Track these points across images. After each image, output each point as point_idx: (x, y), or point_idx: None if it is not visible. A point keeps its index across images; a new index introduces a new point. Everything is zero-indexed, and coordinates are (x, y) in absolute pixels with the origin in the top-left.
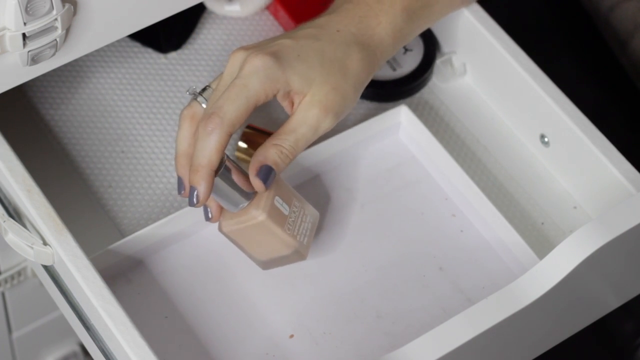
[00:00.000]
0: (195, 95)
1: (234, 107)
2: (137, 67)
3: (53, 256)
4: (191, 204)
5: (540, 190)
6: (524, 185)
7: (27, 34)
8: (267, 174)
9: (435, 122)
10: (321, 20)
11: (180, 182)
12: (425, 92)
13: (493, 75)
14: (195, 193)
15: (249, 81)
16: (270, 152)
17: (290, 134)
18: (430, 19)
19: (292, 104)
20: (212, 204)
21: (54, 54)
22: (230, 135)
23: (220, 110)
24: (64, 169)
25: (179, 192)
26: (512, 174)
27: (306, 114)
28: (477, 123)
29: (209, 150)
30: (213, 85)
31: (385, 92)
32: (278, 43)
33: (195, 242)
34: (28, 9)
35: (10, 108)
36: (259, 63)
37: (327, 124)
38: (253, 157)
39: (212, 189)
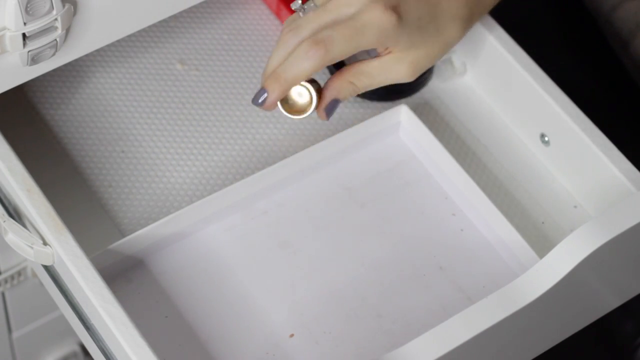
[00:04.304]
0: (301, 9)
1: (343, 48)
2: (137, 67)
3: (53, 256)
4: (255, 102)
5: (541, 189)
6: (524, 184)
7: (27, 34)
8: (334, 107)
9: (435, 121)
10: None
11: (262, 92)
12: (425, 92)
13: (493, 74)
14: (265, 97)
15: (368, 32)
16: (344, 88)
17: (368, 78)
18: None
19: (386, 48)
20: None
21: (54, 54)
22: (324, 66)
23: (331, 42)
24: (64, 169)
25: (255, 102)
26: (512, 173)
27: (393, 67)
28: (477, 122)
29: (299, 71)
30: (318, 2)
31: (385, 91)
32: None
33: (195, 242)
34: (28, 9)
35: (10, 108)
36: (382, 19)
37: (404, 80)
38: (327, 88)
39: (279, 98)
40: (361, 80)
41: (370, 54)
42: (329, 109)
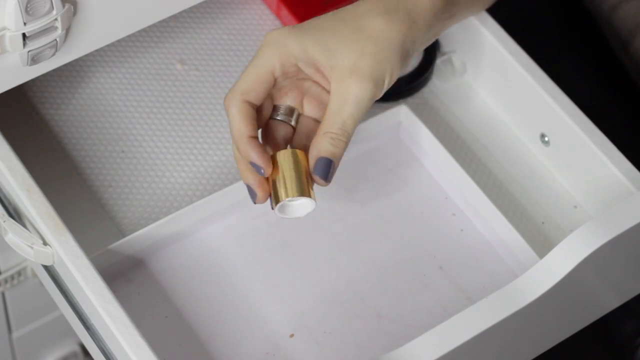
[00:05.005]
0: None
1: (244, 77)
2: (137, 67)
3: (53, 256)
4: (260, 173)
5: (541, 189)
6: (524, 185)
7: (27, 34)
8: (326, 167)
9: (435, 122)
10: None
11: (249, 190)
12: (425, 92)
13: (493, 74)
14: (253, 163)
15: (260, 52)
16: (322, 143)
17: (335, 118)
18: None
19: (327, 80)
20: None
21: (54, 54)
22: (247, 104)
23: (234, 85)
24: (64, 169)
25: (253, 201)
26: (512, 173)
27: (342, 90)
28: (477, 122)
29: (234, 122)
30: None
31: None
32: (305, 22)
33: (195, 242)
34: (28, 9)
35: (10, 108)
36: (275, 34)
37: (369, 93)
38: (309, 154)
39: (264, 152)
40: (330, 124)
41: None
42: (319, 170)
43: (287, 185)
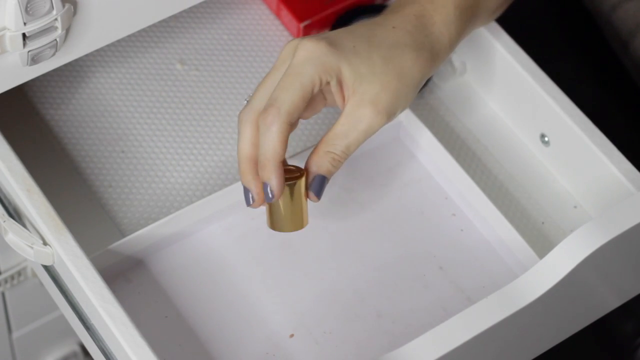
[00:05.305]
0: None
1: (289, 96)
2: (137, 67)
3: (53, 256)
4: (267, 198)
5: (541, 189)
6: (524, 185)
7: (27, 34)
8: (321, 184)
9: (435, 121)
10: (378, 19)
11: (246, 192)
12: (425, 92)
13: (493, 74)
14: (269, 188)
15: (303, 68)
16: (323, 162)
17: (342, 139)
18: (480, 16)
19: (343, 98)
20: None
21: (54, 54)
22: (290, 125)
23: (276, 101)
24: (64, 169)
25: (248, 204)
26: (512, 174)
27: (357, 115)
28: (477, 122)
29: (272, 142)
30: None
31: None
32: (333, 32)
33: (195, 242)
34: (28, 9)
35: (10, 108)
36: (312, 48)
37: (378, 125)
38: (306, 167)
39: (283, 181)
40: (335, 145)
41: None
42: (315, 188)
43: (285, 219)
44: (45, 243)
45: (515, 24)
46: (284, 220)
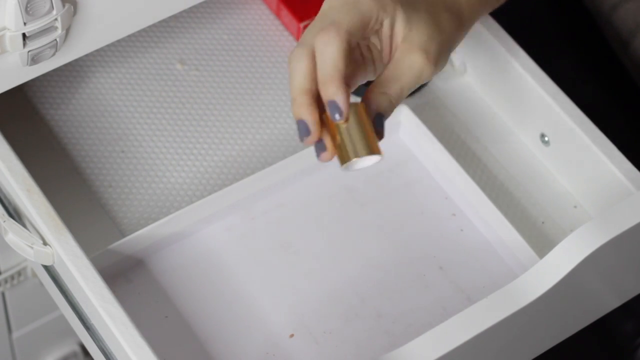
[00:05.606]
0: None
1: (348, 17)
2: (137, 67)
3: (53, 256)
4: (334, 117)
5: (541, 189)
6: (524, 185)
7: (27, 34)
8: (381, 122)
9: (435, 121)
10: None
11: (302, 125)
12: (425, 92)
13: (493, 74)
14: (336, 105)
15: (361, 0)
16: (381, 101)
17: (395, 82)
18: None
19: (391, 45)
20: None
21: (54, 54)
22: (350, 45)
23: (334, 21)
24: (64, 169)
25: (302, 138)
26: (512, 173)
27: (408, 60)
28: (477, 122)
29: (333, 57)
30: None
31: None
32: None
33: (195, 242)
34: (28, 9)
35: (10, 108)
36: None
37: (427, 72)
38: (365, 105)
39: (349, 96)
40: (390, 86)
41: None
42: (380, 125)
43: (359, 141)
44: (45, 243)
45: (516, 24)
46: (358, 142)
